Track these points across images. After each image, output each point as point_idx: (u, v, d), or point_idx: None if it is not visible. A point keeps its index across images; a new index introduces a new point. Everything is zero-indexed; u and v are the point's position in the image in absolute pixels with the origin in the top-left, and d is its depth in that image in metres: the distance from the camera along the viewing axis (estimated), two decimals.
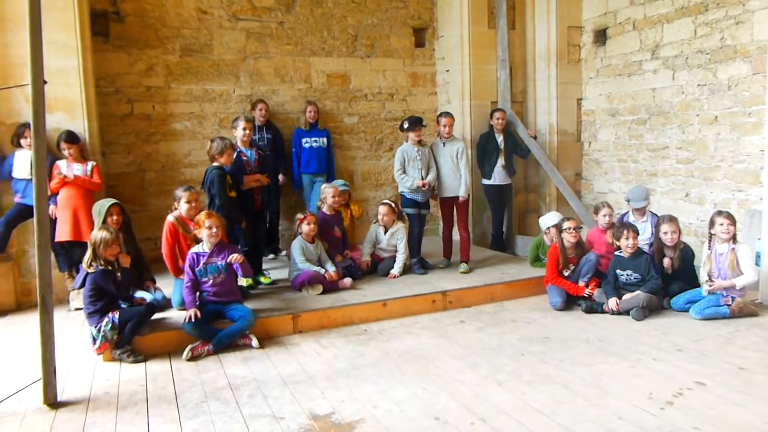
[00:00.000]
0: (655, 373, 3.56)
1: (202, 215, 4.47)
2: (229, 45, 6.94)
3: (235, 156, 5.28)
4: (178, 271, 4.76)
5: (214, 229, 4.40)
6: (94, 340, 4.04)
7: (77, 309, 5.22)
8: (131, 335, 4.08)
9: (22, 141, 5.36)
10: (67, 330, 4.78)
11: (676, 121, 6.22)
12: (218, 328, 4.26)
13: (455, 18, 7.40)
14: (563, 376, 3.56)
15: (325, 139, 6.97)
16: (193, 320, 4.16)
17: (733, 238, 4.61)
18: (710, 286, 4.59)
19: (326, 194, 5.79)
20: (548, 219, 5.73)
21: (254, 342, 4.26)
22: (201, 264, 4.39)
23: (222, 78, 6.94)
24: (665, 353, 3.91)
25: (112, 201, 4.79)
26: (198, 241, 4.51)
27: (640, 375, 3.56)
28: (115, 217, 4.70)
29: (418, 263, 5.89)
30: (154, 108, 6.70)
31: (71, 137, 5.46)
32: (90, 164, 5.53)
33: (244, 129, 5.52)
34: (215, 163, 5.08)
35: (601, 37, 7.19)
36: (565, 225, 5.13)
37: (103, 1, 6.39)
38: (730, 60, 5.60)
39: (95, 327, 4.04)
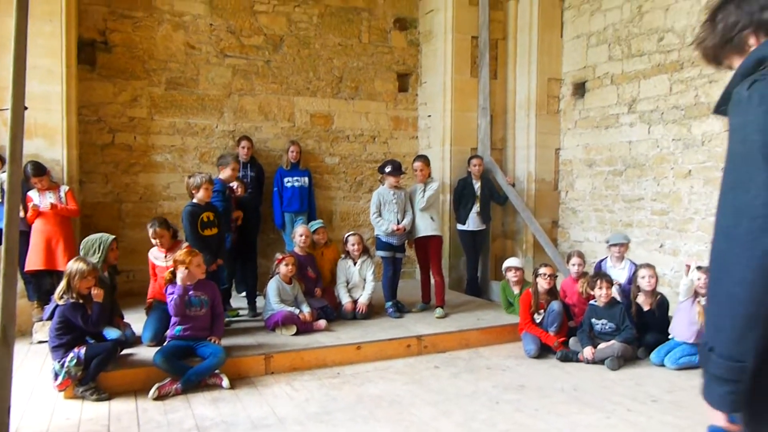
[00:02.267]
0: (630, 425, 3.54)
1: (185, 253, 4.38)
2: (215, 80, 6.98)
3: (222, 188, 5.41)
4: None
5: (203, 266, 4.40)
6: (57, 375, 3.88)
7: (40, 342, 5.04)
8: (97, 372, 3.94)
9: None
10: (27, 364, 4.60)
11: (651, 174, 6.37)
12: (188, 365, 4.15)
13: (439, 65, 7.57)
14: (539, 425, 3.52)
15: (306, 179, 6.99)
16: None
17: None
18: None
19: (295, 234, 5.79)
20: (508, 261, 5.91)
21: (225, 382, 4.14)
22: (187, 296, 4.32)
23: (206, 113, 6.96)
24: (640, 404, 3.90)
25: (111, 236, 4.73)
26: (172, 278, 4.41)
27: (615, 426, 3.53)
28: (116, 252, 4.69)
29: (393, 306, 5.84)
30: (136, 139, 6.66)
31: (37, 169, 5.30)
32: (63, 189, 5.45)
33: (233, 170, 5.61)
34: (193, 200, 5.03)
35: (580, 89, 7.39)
36: (541, 270, 5.17)
37: (92, 31, 6.42)
38: (704, 117, 5.78)
39: (59, 362, 3.89)
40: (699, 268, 4.73)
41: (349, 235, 5.95)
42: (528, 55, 7.58)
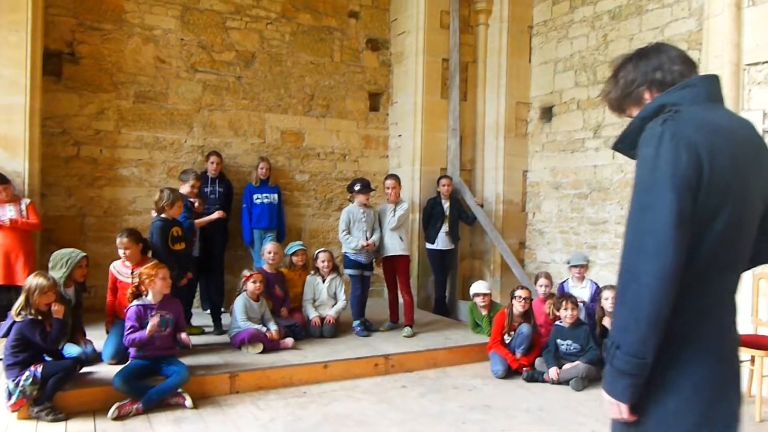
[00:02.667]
0: None
1: (150, 267, 4.29)
2: (185, 95, 6.92)
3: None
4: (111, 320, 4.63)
5: (169, 280, 4.29)
6: (10, 395, 3.71)
7: None
8: (53, 391, 3.78)
9: None
10: None
11: (615, 197, 6.52)
12: (150, 385, 4.04)
13: (410, 86, 7.66)
14: None
15: (276, 195, 6.94)
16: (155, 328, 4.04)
17: None
18: None
19: (264, 251, 5.73)
20: (475, 287, 5.94)
21: (188, 401, 4.06)
22: (149, 316, 4.20)
23: (175, 127, 6.89)
24: (603, 425, 3.94)
25: (82, 253, 4.56)
26: (136, 293, 4.32)
27: None
28: (84, 270, 4.50)
29: (361, 325, 5.82)
30: (102, 152, 6.55)
31: (1, 178, 5.22)
32: (24, 202, 5.31)
33: (192, 187, 5.62)
34: (163, 215, 4.96)
35: (547, 114, 7.56)
36: (518, 293, 5.19)
37: (59, 42, 6.32)
38: None
39: (13, 381, 3.72)
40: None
41: (319, 252, 5.94)
42: (497, 79, 7.73)
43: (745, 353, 4.36)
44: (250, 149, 7.27)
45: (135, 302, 4.25)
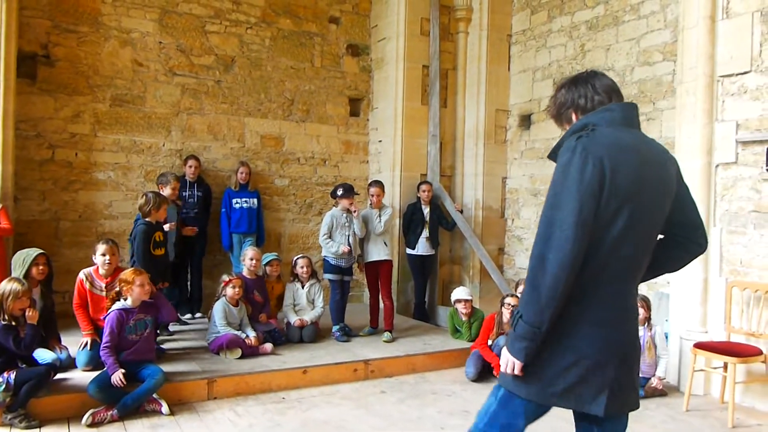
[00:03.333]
0: None
1: (129, 273, 4.23)
2: (163, 99, 6.86)
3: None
4: (89, 330, 4.50)
5: (146, 286, 4.22)
6: None
7: None
8: (27, 398, 3.72)
9: None
10: None
11: None
12: (126, 392, 3.97)
13: (390, 92, 7.69)
14: None
15: (255, 200, 6.89)
16: (122, 383, 3.89)
17: (648, 321, 4.83)
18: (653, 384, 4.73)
19: (245, 257, 5.69)
20: (457, 293, 6.01)
21: (164, 408, 4.00)
22: (131, 321, 4.16)
23: (152, 131, 6.81)
24: None
25: (38, 251, 4.45)
26: (116, 298, 4.25)
27: None
28: (41, 268, 4.37)
29: (340, 330, 5.81)
30: (77, 155, 6.45)
31: None
32: None
33: (173, 189, 5.63)
34: (147, 219, 4.90)
35: (526, 121, 7.64)
36: (507, 300, 5.22)
37: (34, 44, 6.22)
38: None
39: None
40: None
41: (298, 258, 5.92)
42: (477, 86, 7.80)
43: (717, 360, 4.46)
44: (229, 153, 7.22)
45: (116, 306, 4.18)
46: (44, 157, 6.29)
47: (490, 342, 5.17)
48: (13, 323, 3.80)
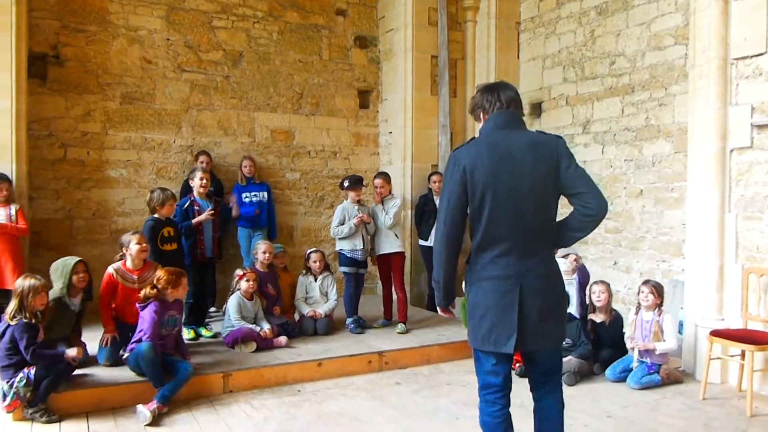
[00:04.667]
0: None
1: (175, 275, 4.33)
2: (173, 95, 6.88)
3: (187, 205, 5.38)
4: (111, 327, 4.54)
5: (186, 288, 4.39)
6: (5, 396, 3.72)
7: None
8: (47, 393, 3.79)
9: None
10: None
11: (605, 193, 6.44)
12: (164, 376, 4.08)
13: (399, 83, 7.65)
14: None
15: (265, 193, 6.86)
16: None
17: (658, 307, 4.80)
18: (632, 343, 4.75)
19: (257, 250, 5.71)
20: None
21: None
22: (166, 316, 4.24)
23: (163, 127, 6.85)
24: (596, 420, 3.97)
25: (75, 259, 4.46)
26: (155, 296, 4.27)
27: None
28: (81, 275, 4.39)
29: (354, 322, 5.83)
30: (89, 154, 6.50)
31: (2, 176, 5.24)
32: (13, 207, 5.26)
33: (201, 179, 5.53)
34: (155, 215, 4.95)
35: (536, 109, 7.57)
36: None
37: (43, 45, 6.25)
38: (654, 138, 6.00)
39: (7, 382, 3.74)
40: (646, 282, 4.89)
41: (311, 252, 5.94)
42: (486, 75, 7.73)
43: (734, 348, 4.42)
44: (239, 148, 7.24)
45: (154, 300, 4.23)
46: (57, 156, 6.35)
47: None
48: (33, 321, 3.84)
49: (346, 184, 5.86)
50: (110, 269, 4.58)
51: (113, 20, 6.57)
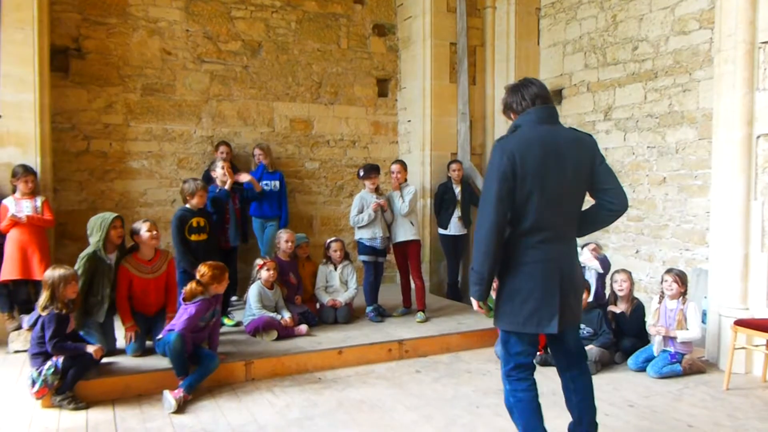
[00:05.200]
0: (608, 429, 3.59)
1: (215, 269, 4.37)
2: (192, 86, 6.93)
3: (218, 191, 5.50)
4: (131, 323, 4.59)
5: (227, 282, 4.42)
6: (34, 382, 3.82)
7: (17, 351, 4.96)
8: (74, 381, 3.88)
9: None
10: (3, 373, 4.51)
11: (627, 180, 6.46)
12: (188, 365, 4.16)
13: (418, 71, 7.61)
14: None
15: (277, 183, 6.77)
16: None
17: (682, 296, 4.74)
18: (654, 329, 4.71)
19: (280, 239, 5.75)
20: None
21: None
22: (208, 312, 4.32)
23: (183, 118, 6.90)
24: (617, 409, 3.95)
25: (114, 214, 4.56)
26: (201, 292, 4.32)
27: None
28: (119, 230, 4.51)
29: (374, 311, 5.85)
30: (111, 146, 6.58)
31: (27, 168, 5.31)
32: (39, 200, 5.34)
33: (222, 169, 5.57)
34: (186, 205, 5.03)
35: (557, 96, 7.47)
36: None
37: (65, 38, 6.33)
38: (678, 125, 5.90)
39: (36, 369, 3.84)
40: (669, 270, 4.84)
41: (331, 241, 5.96)
42: (506, 62, 7.66)
43: (759, 337, 4.35)
44: (259, 138, 7.27)
45: (201, 298, 4.27)
46: (80, 148, 6.44)
47: None
48: (64, 311, 3.92)
49: (362, 173, 5.89)
50: (123, 263, 4.61)
51: (133, 12, 6.63)
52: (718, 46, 4.90)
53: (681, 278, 4.74)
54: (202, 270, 4.37)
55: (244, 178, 5.77)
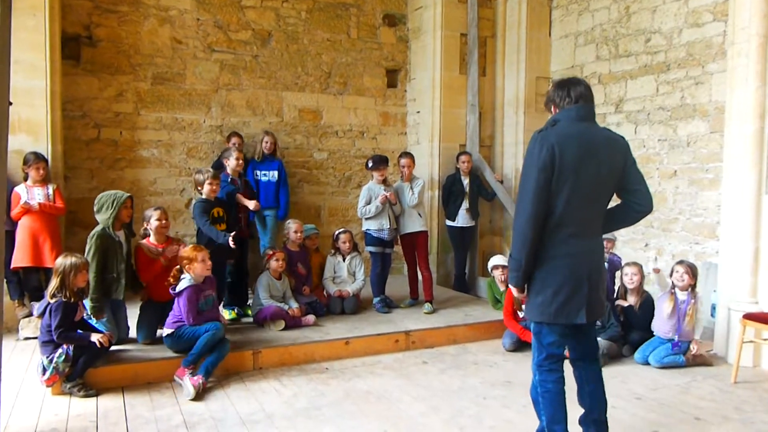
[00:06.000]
0: (615, 422, 3.58)
1: (190, 250, 4.33)
2: (202, 75, 6.93)
3: (229, 181, 5.44)
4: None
5: (208, 261, 4.33)
6: (44, 370, 3.86)
7: (27, 338, 5.01)
8: (84, 368, 3.92)
9: None
10: (14, 360, 4.56)
11: None
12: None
13: (428, 62, 7.58)
14: (526, 422, 3.55)
15: (275, 173, 6.64)
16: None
17: (692, 288, 4.72)
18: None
19: (289, 229, 5.76)
20: (494, 260, 5.93)
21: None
22: (202, 297, 4.32)
23: (193, 108, 6.91)
24: (624, 401, 3.95)
25: (126, 194, 4.54)
26: (177, 276, 4.33)
27: None
28: (130, 210, 4.53)
29: (381, 302, 5.87)
30: (122, 134, 6.61)
31: (39, 155, 5.32)
32: (50, 187, 5.37)
33: (237, 159, 5.51)
34: (202, 196, 5.04)
35: None
36: None
37: (76, 25, 6.34)
38: (690, 118, 5.85)
39: (47, 357, 3.87)
40: (680, 262, 4.82)
41: (339, 233, 5.97)
42: (517, 53, 7.61)
43: None
44: (268, 128, 7.26)
45: (184, 284, 4.27)
46: (91, 136, 6.46)
47: (521, 314, 5.14)
48: (73, 300, 3.95)
49: (370, 164, 5.89)
50: (141, 246, 4.64)
51: (144, 0, 6.62)
52: (732, 38, 4.85)
53: (692, 271, 4.73)
54: (182, 253, 4.38)
55: (254, 206, 5.65)
